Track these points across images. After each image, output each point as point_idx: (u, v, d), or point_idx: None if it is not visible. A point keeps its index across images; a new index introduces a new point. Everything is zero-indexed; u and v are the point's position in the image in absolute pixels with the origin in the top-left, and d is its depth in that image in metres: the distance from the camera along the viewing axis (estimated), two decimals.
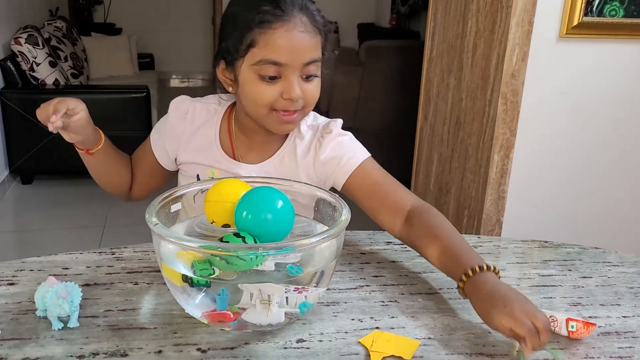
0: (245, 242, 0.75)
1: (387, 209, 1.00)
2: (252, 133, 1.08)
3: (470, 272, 0.82)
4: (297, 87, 0.97)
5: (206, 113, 1.12)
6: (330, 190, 0.93)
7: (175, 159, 1.13)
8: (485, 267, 0.83)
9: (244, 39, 0.96)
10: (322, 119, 1.13)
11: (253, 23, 0.95)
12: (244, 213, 0.78)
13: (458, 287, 0.84)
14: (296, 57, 0.96)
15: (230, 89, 1.04)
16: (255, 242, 0.75)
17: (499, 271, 0.84)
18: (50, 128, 0.93)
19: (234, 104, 1.12)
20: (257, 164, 1.08)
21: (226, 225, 0.82)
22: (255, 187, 0.83)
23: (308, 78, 0.99)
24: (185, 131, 1.10)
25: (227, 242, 0.75)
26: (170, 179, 1.18)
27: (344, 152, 1.06)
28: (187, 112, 1.11)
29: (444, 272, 0.90)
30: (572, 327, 0.79)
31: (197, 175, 1.09)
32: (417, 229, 0.95)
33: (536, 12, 1.73)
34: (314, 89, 1.01)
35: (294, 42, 0.95)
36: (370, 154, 1.07)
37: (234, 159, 1.09)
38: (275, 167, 1.08)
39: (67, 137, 1.01)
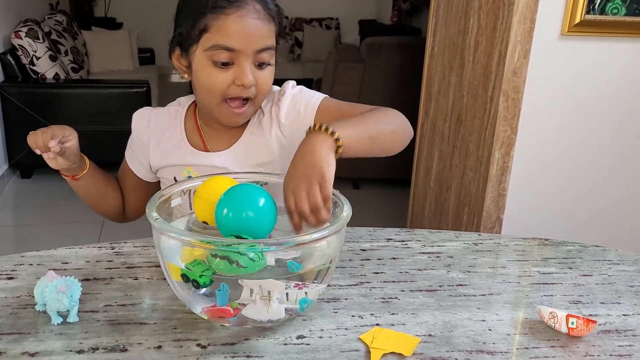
0: None
1: None
2: (216, 122, 1.09)
3: (308, 131, 0.84)
4: (249, 74, 0.98)
5: (167, 116, 1.13)
6: None
7: (151, 168, 1.13)
8: (318, 127, 0.83)
9: (197, 24, 0.97)
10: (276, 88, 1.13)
11: (206, 8, 0.96)
12: (225, 211, 0.78)
13: None
14: (249, 43, 0.96)
15: (185, 76, 1.05)
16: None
17: (333, 133, 0.82)
18: (46, 154, 0.97)
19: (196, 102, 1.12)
20: (227, 149, 1.08)
21: (205, 223, 0.82)
22: (235, 185, 0.83)
23: (261, 66, 1.00)
24: (151, 138, 1.11)
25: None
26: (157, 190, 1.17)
27: (300, 103, 1.06)
28: (149, 120, 1.12)
29: None
30: (572, 323, 0.79)
31: (174, 178, 1.09)
32: None
33: (538, 9, 1.72)
34: (266, 76, 1.01)
35: (246, 28, 0.96)
36: (326, 95, 1.07)
37: (206, 150, 1.09)
38: (246, 147, 1.08)
39: (53, 163, 1.01)
